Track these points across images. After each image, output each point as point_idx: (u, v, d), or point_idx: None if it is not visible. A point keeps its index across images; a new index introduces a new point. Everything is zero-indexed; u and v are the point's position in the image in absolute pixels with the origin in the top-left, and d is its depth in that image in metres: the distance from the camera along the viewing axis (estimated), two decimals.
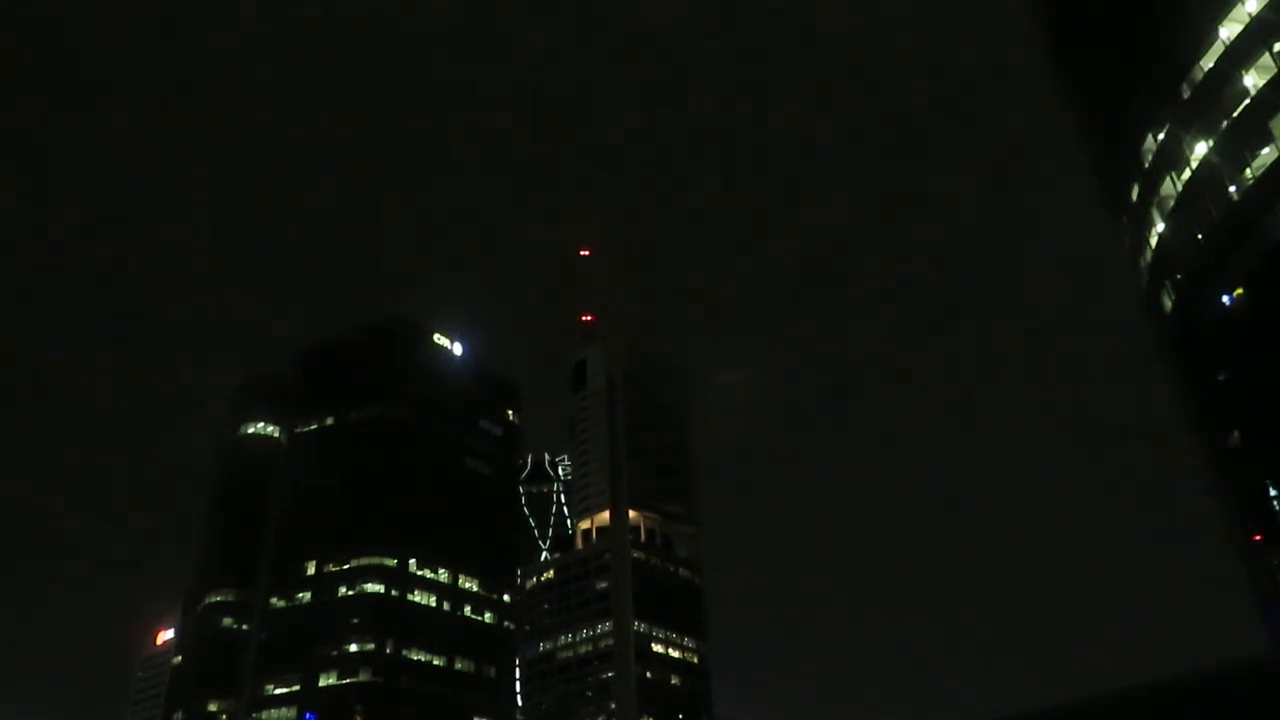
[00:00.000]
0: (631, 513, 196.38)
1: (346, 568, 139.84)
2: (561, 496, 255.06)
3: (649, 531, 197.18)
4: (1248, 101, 51.56)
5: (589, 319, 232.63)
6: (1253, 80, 51.51)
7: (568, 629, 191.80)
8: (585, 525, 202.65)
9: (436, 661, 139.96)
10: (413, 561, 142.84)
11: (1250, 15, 51.44)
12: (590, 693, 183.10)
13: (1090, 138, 71.41)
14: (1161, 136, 58.48)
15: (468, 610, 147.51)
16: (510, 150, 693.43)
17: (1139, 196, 61.99)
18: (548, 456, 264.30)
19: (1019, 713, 77.72)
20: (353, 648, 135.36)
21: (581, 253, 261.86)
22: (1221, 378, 57.19)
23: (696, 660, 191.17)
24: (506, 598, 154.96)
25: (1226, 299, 54.49)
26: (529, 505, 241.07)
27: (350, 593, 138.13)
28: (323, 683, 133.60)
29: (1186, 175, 56.14)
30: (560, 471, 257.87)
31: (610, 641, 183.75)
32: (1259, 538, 54.31)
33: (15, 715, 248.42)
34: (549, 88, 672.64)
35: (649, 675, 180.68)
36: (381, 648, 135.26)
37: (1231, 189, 53.08)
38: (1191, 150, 55.72)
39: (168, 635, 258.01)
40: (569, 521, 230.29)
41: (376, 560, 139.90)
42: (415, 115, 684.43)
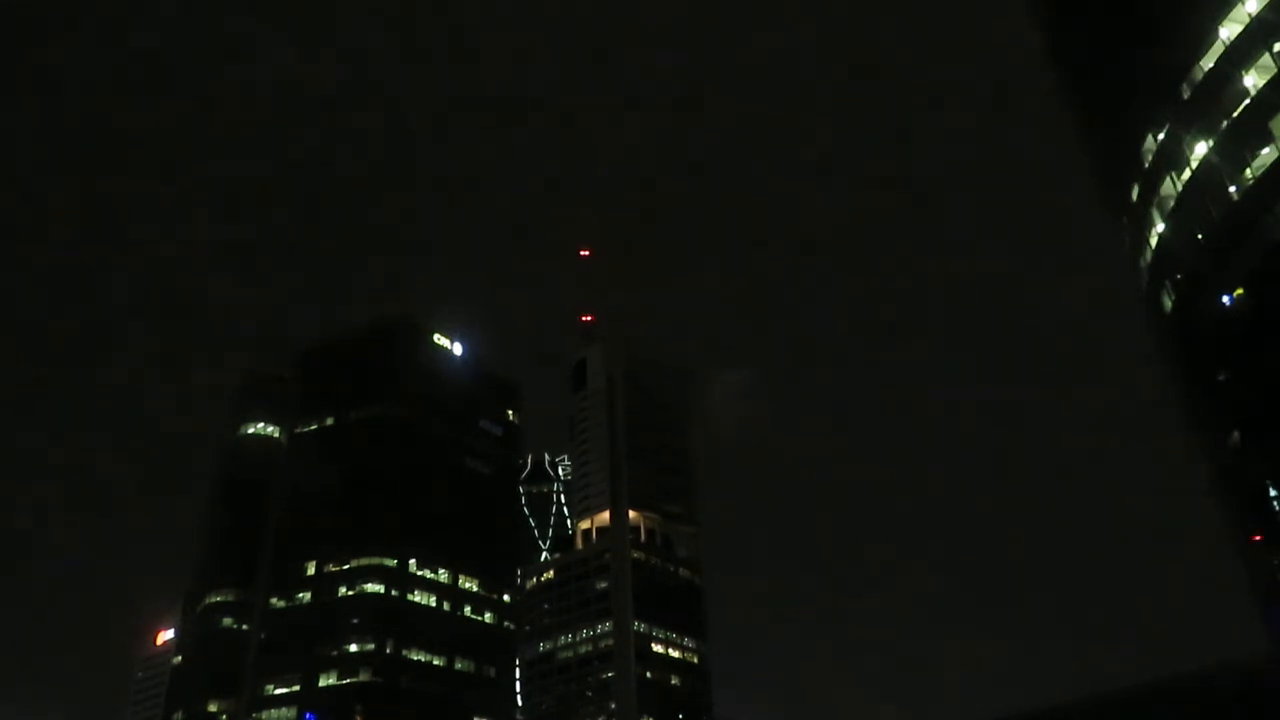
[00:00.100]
0: (631, 513, 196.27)
1: (346, 568, 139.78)
2: (561, 496, 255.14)
3: (649, 531, 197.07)
4: (1248, 101, 51.51)
5: (589, 319, 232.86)
6: (1253, 80, 51.47)
7: (568, 629, 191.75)
8: (585, 525, 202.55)
9: (436, 661, 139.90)
10: (413, 561, 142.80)
11: (1250, 15, 51.40)
12: (590, 693, 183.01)
13: (1090, 138, 71.39)
14: (1161, 136, 58.43)
15: (468, 610, 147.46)
16: (510, 150, 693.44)
17: (1139, 196, 61.94)
18: (548, 456, 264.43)
19: (1019, 713, 77.89)
20: (353, 648, 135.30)
21: (581, 253, 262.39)
22: (1221, 378, 57.11)
23: (696, 660, 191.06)
24: (506, 598, 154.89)
25: (1226, 299, 54.42)
26: (529, 505, 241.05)
27: (350, 593, 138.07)
28: (323, 683, 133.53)
29: (1186, 175, 56.09)
30: (560, 471, 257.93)
31: (610, 641, 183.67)
32: (1259, 538, 54.28)
33: (15, 715, 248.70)
34: (549, 87, 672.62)
35: (649, 675, 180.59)
36: (381, 648, 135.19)
37: (1231, 189, 53.03)
38: (1191, 150, 55.67)
39: (168, 635, 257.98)
40: (569, 521, 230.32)
41: (376, 560, 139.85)
42: (415, 116, 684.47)
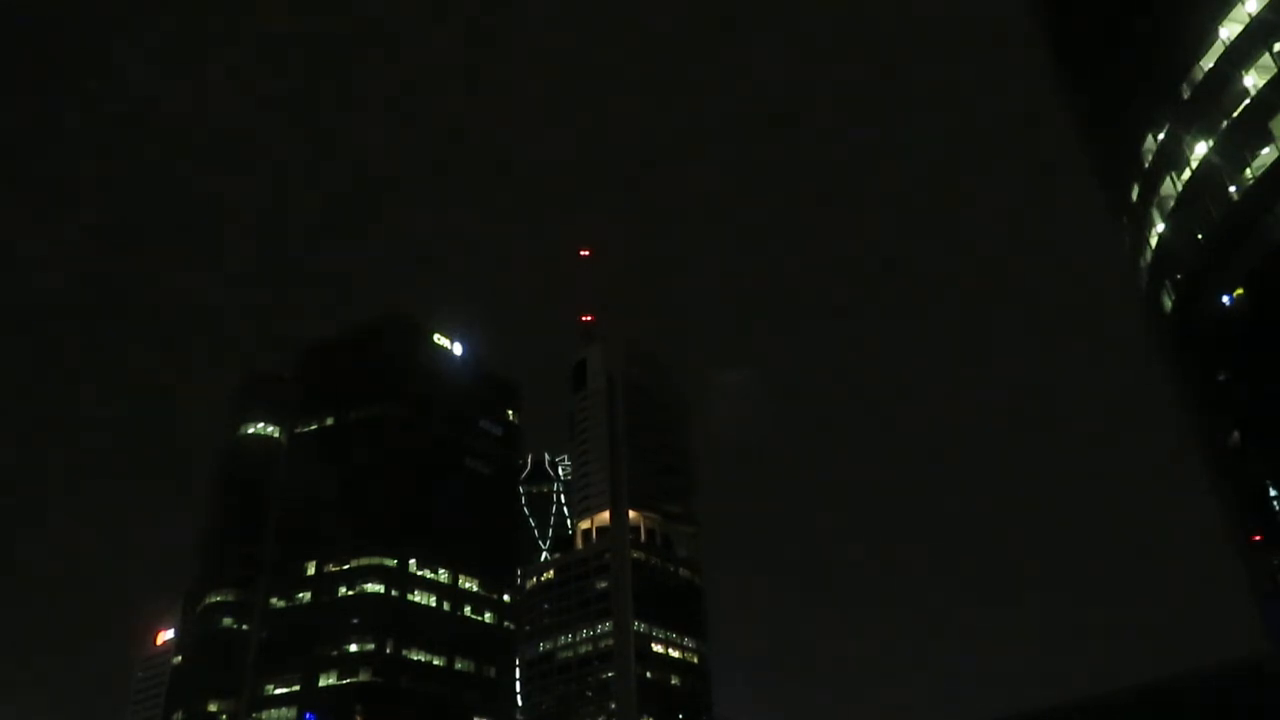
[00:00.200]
0: (631, 513, 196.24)
1: (346, 568, 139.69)
2: (561, 496, 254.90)
3: (649, 531, 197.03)
4: (1248, 101, 51.54)
5: (589, 319, 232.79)
6: (1253, 80, 51.49)
7: (568, 629, 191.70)
8: (585, 525, 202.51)
9: (436, 661, 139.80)
10: (413, 561, 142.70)
11: (1250, 15, 51.43)
12: (590, 693, 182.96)
13: (1090, 138, 71.40)
14: (1161, 136, 58.44)
15: (468, 610, 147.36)
16: (510, 150, 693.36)
17: (1139, 196, 61.95)
18: (548, 456, 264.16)
19: (1019, 713, 77.88)
20: (353, 648, 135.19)
21: (581, 253, 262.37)
22: (1221, 378, 57.14)
23: (696, 660, 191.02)
24: (506, 598, 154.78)
25: (1226, 299, 54.44)
26: (529, 505, 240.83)
27: (350, 593, 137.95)
28: (323, 683, 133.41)
29: (1186, 175, 56.10)
30: (560, 471, 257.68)
31: (610, 641, 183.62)
32: (1259, 538, 54.28)
33: (15, 715, 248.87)
34: (548, 88, 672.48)
35: (649, 675, 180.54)
36: (381, 648, 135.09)
37: (1231, 189, 53.04)
38: (1191, 150, 55.68)
39: (168, 635, 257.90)
40: (569, 521, 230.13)
41: (376, 560, 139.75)
42: (415, 115, 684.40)
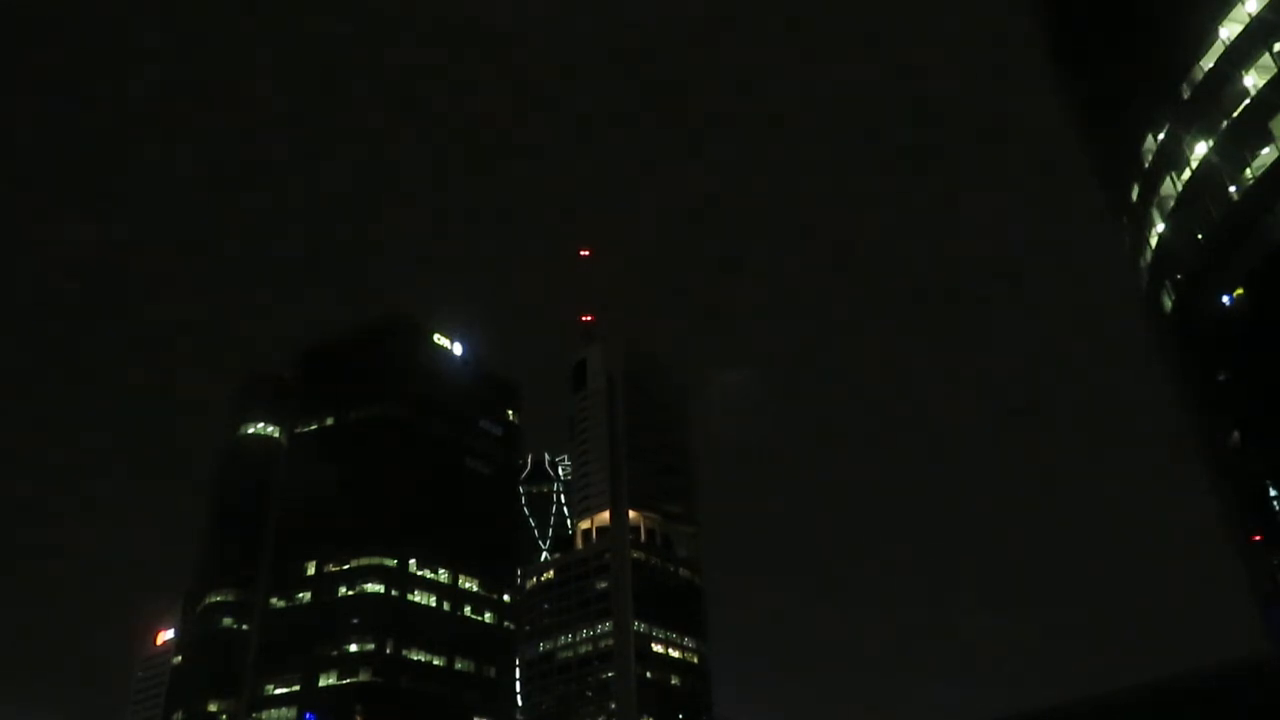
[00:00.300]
0: (631, 513, 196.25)
1: (346, 568, 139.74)
2: (561, 496, 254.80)
3: (649, 531, 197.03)
4: (1248, 101, 51.53)
5: (589, 319, 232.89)
6: (1253, 80, 51.48)
7: (568, 629, 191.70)
8: (585, 525, 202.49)
9: (436, 661, 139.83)
10: (413, 561, 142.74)
11: (1250, 15, 51.42)
12: (590, 693, 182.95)
13: (1090, 138, 71.38)
14: (1161, 136, 58.42)
15: (468, 610, 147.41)
16: (510, 150, 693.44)
17: (1139, 196, 61.93)
18: (548, 456, 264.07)
19: (1019, 713, 77.84)
20: (353, 648, 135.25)
21: (581, 253, 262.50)
22: (1221, 378, 57.12)
23: (696, 660, 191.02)
24: (506, 598, 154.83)
25: (1226, 299, 54.42)
26: (529, 505, 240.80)
27: (350, 593, 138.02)
28: (323, 683, 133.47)
29: (1186, 175, 56.09)
30: (560, 471, 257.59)
31: (610, 641, 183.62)
32: (1259, 538, 54.28)
33: (15, 715, 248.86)
34: (548, 88, 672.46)
35: (649, 675, 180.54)
36: (381, 648, 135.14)
37: (1231, 189, 53.02)
38: (1191, 150, 55.67)
39: (168, 635, 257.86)
40: (569, 521, 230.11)
41: (376, 560, 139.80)
42: (415, 116, 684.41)
